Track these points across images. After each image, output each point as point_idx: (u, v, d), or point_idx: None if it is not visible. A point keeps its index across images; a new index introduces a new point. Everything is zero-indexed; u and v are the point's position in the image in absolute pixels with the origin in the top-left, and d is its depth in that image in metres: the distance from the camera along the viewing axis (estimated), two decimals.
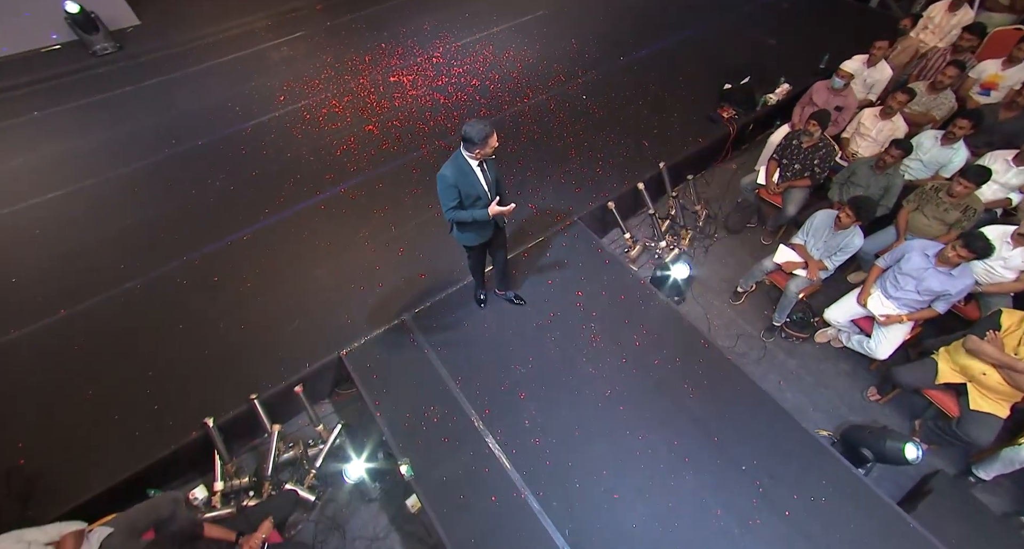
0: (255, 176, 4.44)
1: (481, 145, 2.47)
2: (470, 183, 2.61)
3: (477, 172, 2.60)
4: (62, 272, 3.83)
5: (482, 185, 2.65)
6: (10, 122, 5.22)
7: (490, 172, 2.69)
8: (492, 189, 2.73)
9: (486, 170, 2.65)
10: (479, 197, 2.67)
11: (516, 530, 2.64)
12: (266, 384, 3.13)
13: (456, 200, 2.63)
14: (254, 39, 6.16)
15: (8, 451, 2.91)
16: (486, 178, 2.67)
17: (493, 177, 2.72)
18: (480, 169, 2.62)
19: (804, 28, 5.91)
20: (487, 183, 2.68)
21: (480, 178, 2.64)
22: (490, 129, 2.45)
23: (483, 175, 2.64)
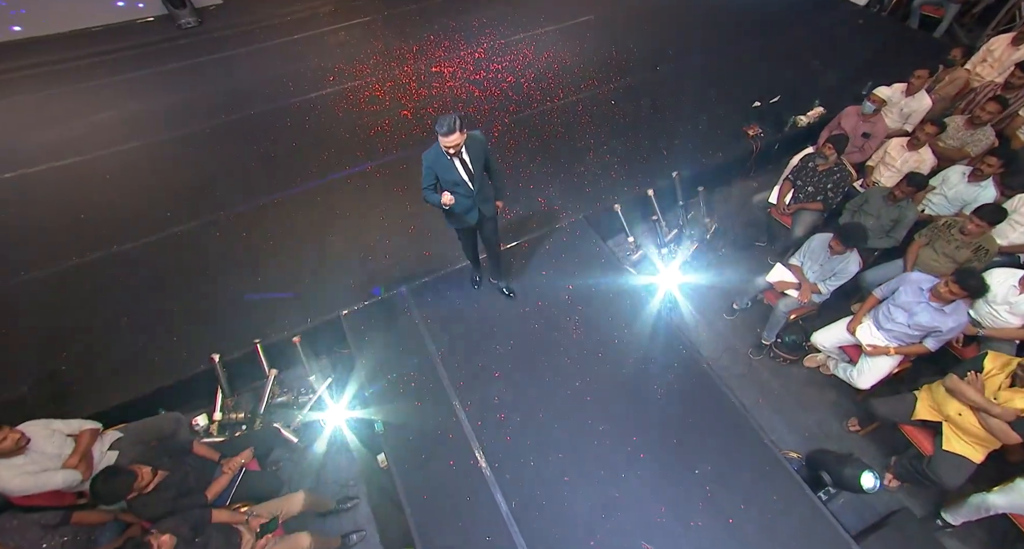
0: (294, 147, 4.84)
1: (440, 138, 2.54)
2: (446, 169, 2.72)
3: (454, 161, 2.70)
4: (119, 214, 4.34)
5: (459, 173, 2.75)
6: (101, 82, 5.90)
7: (473, 164, 2.76)
8: (474, 179, 2.81)
9: (465, 160, 2.73)
10: (457, 183, 2.79)
11: (466, 494, 2.83)
12: (269, 332, 3.45)
13: (432, 182, 2.79)
14: (317, 22, 6.64)
15: (53, 358, 3.38)
16: (465, 167, 2.75)
17: (476, 168, 2.79)
18: (458, 158, 2.70)
19: (856, 54, 5.73)
20: (466, 172, 2.77)
21: (458, 166, 2.73)
22: (446, 128, 2.48)
23: (462, 164, 2.74)
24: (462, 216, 3.00)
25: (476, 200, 2.94)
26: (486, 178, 2.99)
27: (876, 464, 3.24)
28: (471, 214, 3.01)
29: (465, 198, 2.89)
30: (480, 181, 2.88)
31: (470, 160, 2.75)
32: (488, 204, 3.06)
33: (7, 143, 5.13)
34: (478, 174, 2.82)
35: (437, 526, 2.73)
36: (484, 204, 3.02)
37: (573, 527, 2.71)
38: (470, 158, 2.74)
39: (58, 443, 2.68)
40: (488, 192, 3.03)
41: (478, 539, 2.69)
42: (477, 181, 2.84)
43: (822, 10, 6.61)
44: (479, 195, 2.93)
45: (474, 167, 2.78)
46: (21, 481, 2.48)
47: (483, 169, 2.88)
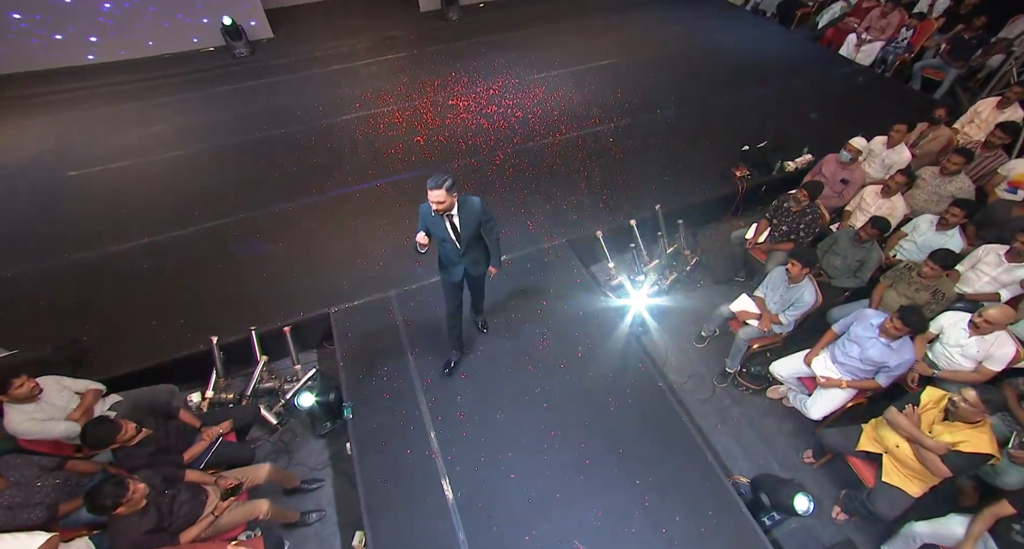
0: (315, 162, 5.37)
1: (428, 192, 2.59)
2: (435, 224, 2.78)
3: (444, 219, 2.75)
4: (156, 211, 4.90)
5: (447, 231, 2.81)
6: (160, 100, 6.69)
7: (463, 225, 2.80)
8: (462, 240, 2.86)
9: (455, 221, 2.78)
10: (444, 240, 2.86)
11: (418, 481, 3.03)
12: (264, 322, 3.81)
13: (422, 229, 2.82)
14: (354, 57, 7.37)
15: (76, 327, 3.82)
16: (453, 228, 2.81)
17: (465, 231, 2.83)
18: (447, 218, 2.75)
19: (851, 108, 5.98)
20: (454, 232, 2.83)
21: (446, 224, 2.78)
22: (432, 183, 2.54)
23: (450, 224, 2.79)
24: (448, 267, 3.07)
25: (464, 260, 3.02)
26: (479, 242, 3.01)
27: (827, 496, 3.27)
28: (456, 269, 3.07)
29: (452, 254, 2.97)
30: (469, 243, 2.91)
31: (459, 222, 2.79)
32: (477, 266, 3.11)
33: (76, 148, 5.86)
34: (466, 237, 2.86)
35: (386, 508, 2.93)
36: (472, 265, 3.08)
37: (513, 521, 2.85)
38: (460, 220, 2.79)
39: (66, 398, 3.05)
40: (479, 255, 3.07)
41: (422, 524, 2.87)
42: (464, 243, 2.88)
43: (825, 66, 6.93)
44: (467, 256, 2.99)
45: (463, 229, 2.82)
46: (29, 426, 2.84)
47: (474, 233, 2.91)
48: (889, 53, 7.01)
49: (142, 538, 2.43)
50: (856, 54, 7.12)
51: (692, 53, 7.31)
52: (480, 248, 3.08)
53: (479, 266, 3.13)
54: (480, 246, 3.07)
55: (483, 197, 4.76)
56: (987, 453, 2.56)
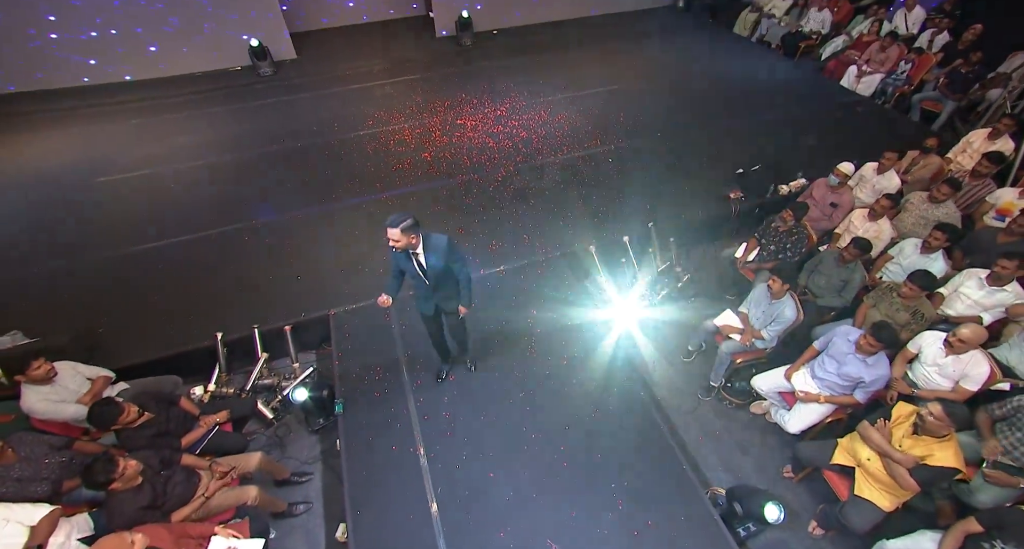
0: (327, 174, 5.67)
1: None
2: (403, 261, 2.86)
3: (411, 258, 2.83)
4: (178, 214, 5.21)
5: (415, 267, 2.87)
6: (188, 114, 7.12)
7: (430, 264, 2.83)
8: (429, 278, 2.90)
9: (421, 261, 2.83)
10: (414, 276, 2.93)
11: (401, 476, 3.15)
12: (267, 321, 4.01)
13: (395, 269, 2.97)
14: (371, 77, 7.77)
15: (95, 319, 4.07)
16: (419, 264, 2.86)
17: (433, 270, 2.86)
18: (414, 257, 2.82)
19: (848, 136, 6.12)
20: (420, 268, 2.87)
21: (413, 261, 2.85)
22: (389, 221, 2.59)
23: (416, 263, 2.85)
24: (420, 301, 3.16)
25: (435, 297, 3.08)
26: (451, 279, 3.01)
27: (805, 511, 3.29)
28: (427, 304, 3.15)
29: (422, 290, 3.04)
30: (437, 281, 2.94)
31: (425, 261, 2.84)
32: (449, 303, 3.14)
33: (111, 156, 6.26)
34: (432, 274, 2.90)
35: (369, 501, 3.05)
36: (444, 301, 3.12)
37: (489, 518, 2.95)
38: (426, 259, 2.84)
39: (78, 382, 3.26)
40: (450, 292, 3.08)
41: (402, 517, 2.98)
42: (432, 280, 2.93)
43: (825, 96, 7.12)
44: (438, 293, 3.04)
45: (429, 268, 2.87)
46: (43, 406, 3.05)
47: (443, 271, 2.91)
48: (889, 85, 7.17)
49: (136, 513, 2.58)
50: (857, 85, 7.30)
51: (695, 81, 7.56)
52: (451, 285, 3.05)
53: (450, 302, 3.14)
54: (451, 283, 3.04)
55: (483, 211, 5.08)
56: (953, 467, 2.60)
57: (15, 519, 2.54)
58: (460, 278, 3.04)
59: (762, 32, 9.02)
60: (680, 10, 10.09)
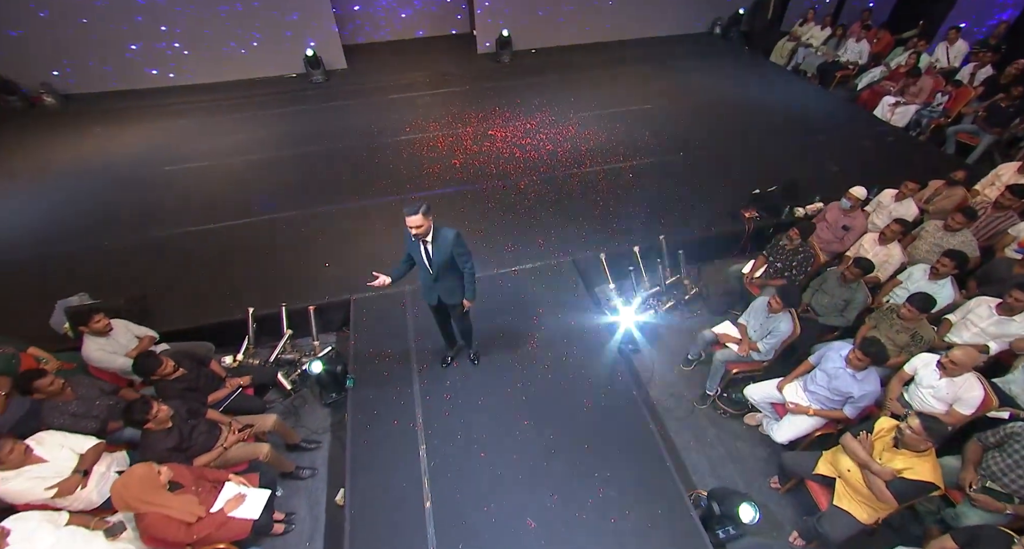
0: (363, 174, 6.11)
1: (405, 218, 2.86)
2: (413, 247, 3.08)
3: (420, 244, 3.04)
4: (226, 202, 5.73)
5: (422, 256, 3.08)
6: (244, 114, 7.79)
7: (435, 255, 3.04)
8: (433, 266, 3.10)
9: (428, 250, 3.04)
10: (420, 264, 3.15)
11: (399, 446, 3.40)
12: (294, 301, 4.38)
13: (406, 254, 3.18)
14: (413, 88, 8.29)
15: (147, 287, 4.55)
16: (427, 253, 3.07)
17: (438, 259, 3.05)
18: (422, 245, 3.03)
19: (874, 164, 6.11)
20: (427, 258, 3.09)
21: (421, 249, 3.06)
22: (410, 210, 2.82)
23: (423, 250, 3.06)
24: (425, 291, 3.35)
25: (437, 287, 3.26)
26: (454, 273, 3.20)
27: (789, 522, 3.33)
28: (430, 294, 3.33)
29: (426, 279, 3.23)
30: (441, 271, 3.14)
31: (432, 250, 3.05)
32: (452, 295, 3.31)
33: (175, 148, 6.94)
34: (437, 263, 3.09)
35: (367, 468, 3.30)
36: (446, 293, 3.29)
37: (476, 493, 3.14)
38: (433, 248, 3.04)
39: (128, 338, 3.69)
40: (453, 285, 3.26)
41: (396, 485, 3.21)
42: (435, 269, 3.12)
43: (856, 124, 7.12)
44: (440, 283, 3.22)
45: (435, 256, 3.07)
46: (99, 354, 3.48)
47: (447, 263, 3.10)
48: (924, 116, 7.11)
49: (164, 453, 2.93)
50: (890, 116, 7.27)
51: (724, 105, 7.70)
52: (454, 278, 3.23)
53: (453, 296, 3.31)
54: (454, 276, 3.22)
55: (502, 215, 5.35)
56: (930, 482, 2.64)
57: (68, 446, 2.93)
58: (464, 271, 3.21)
59: (798, 61, 9.10)
60: (716, 37, 10.26)
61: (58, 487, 2.80)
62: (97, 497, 2.96)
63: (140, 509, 2.62)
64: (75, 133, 7.38)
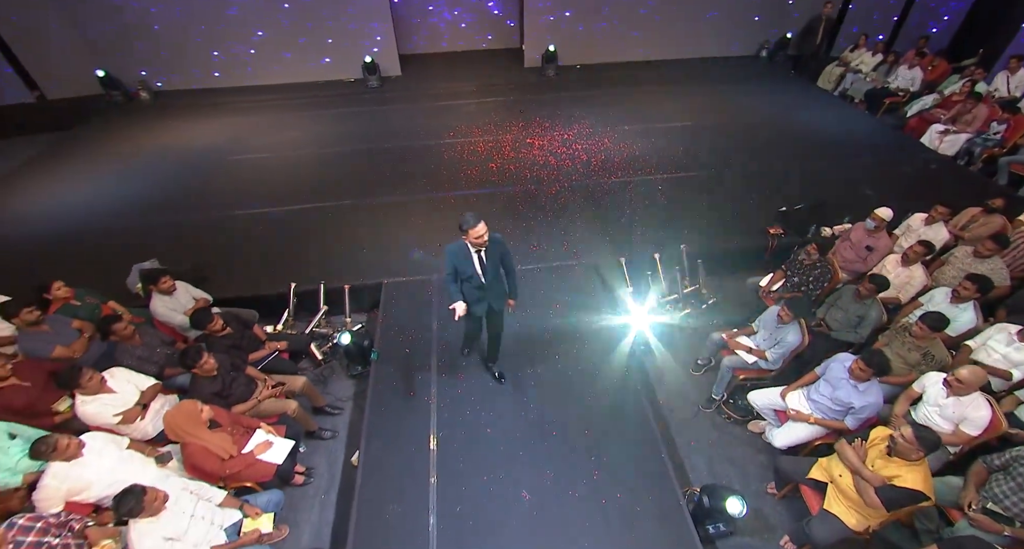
0: (405, 172, 6.57)
1: (464, 233, 2.90)
2: (464, 262, 3.10)
3: (473, 255, 3.08)
4: (281, 190, 6.30)
5: (475, 267, 3.11)
6: (303, 114, 8.48)
7: (488, 260, 3.10)
8: (487, 274, 3.15)
9: (483, 257, 3.09)
10: (471, 276, 3.15)
11: (412, 417, 3.68)
12: (332, 280, 4.78)
13: (451, 270, 3.17)
14: (461, 96, 8.77)
15: (206, 256, 5.09)
16: (481, 263, 3.11)
17: (491, 266, 3.11)
18: (476, 255, 3.08)
19: (913, 189, 6.00)
20: (481, 267, 3.13)
21: (475, 261, 3.09)
22: (472, 222, 2.85)
23: (478, 260, 3.10)
24: (471, 304, 3.33)
25: (487, 294, 3.30)
26: (501, 276, 3.30)
27: (783, 527, 3.37)
28: (480, 305, 3.35)
29: (476, 290, 3.23)
30: (492, 277, 3.20)
31: (486, 258, 3.11)
32: (499, 300, 3.39)
33: (241, 140, 7.67)
34: (491, 271, 3.15)
35: (381, 431, 3.60)
36: (495, 299, 3.36)
37: (477, 464, 3.37)
38: (487, 256, 3.11)
39: (188, 299, 4.18)
40: (500, 289, 3.35)
41: (406, 450, 3.48)
42: (489, 276, 3.18)
43: (899, 151, 7.01)
44: (490, 291, 3.28)
45: (488, 264, 3.12)
46: (162, 310, 3.96)
47: (498, 267, 3.21)
48: (976, 146, 6.90)
49: (208, 396, 3.33)
50: (939, 144, 7.10)
51: (764, 125, 7.73)
52: (500, 282, 3.32)
53: (500, 300, 3.41)
54: (500, 280, 3.31)
55: (531, 217, 5.64)
56: (919, 491, 2.66)
57: (133, 382, 3.39)
58: (510, 269, 3.30)
59: (845, 86, 9.00)
60: (762, 60, 10.29)
61: (123, 415, 3.25)
62: (152, 429, 3.40)
63: (184, 438, 3.01)
64: (160, 124, 8.28)
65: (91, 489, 2.89)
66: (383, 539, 3.03)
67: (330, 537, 3.37)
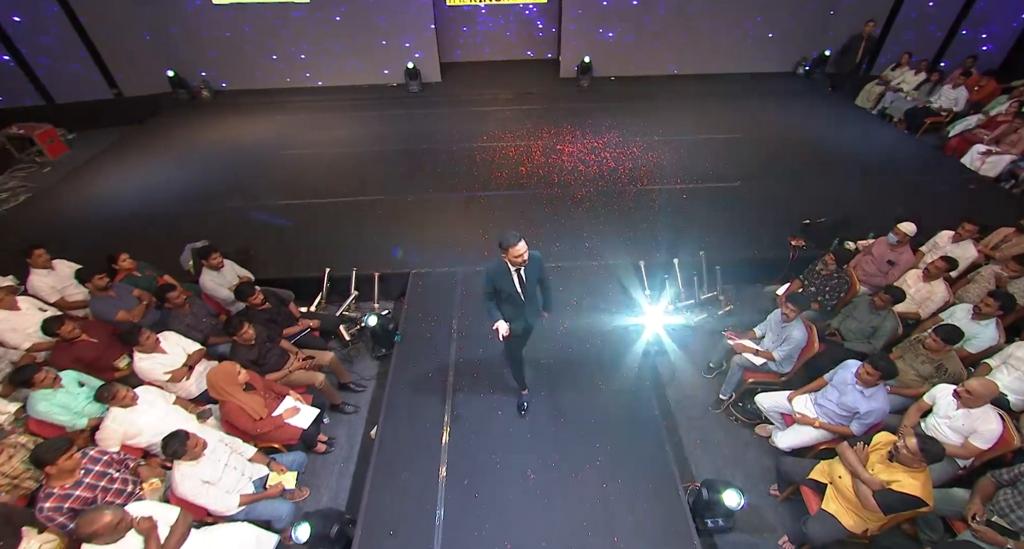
0: (438, 171, 6.91)
1: (504, 251, 2.87)
2: (504, 281, 3.07)
3: (512, 274, 3.05)
4: (323, 183, 6.74)
5: (515, 286, 3.08)
6: (349, 114, 8.98)
7: (528, 279, 3.09)
8: (526, 291, 3.14)
9: (523, 275, 3.07)
10: (510, 294, 3.13)
11: (429, 396, 3.91)
12: (363, 268, 5.10)
13: (489, 289, 3.16)
14: (496, 103, 9.11)
15: (251, 238, 5.50)
16: (520, 282, 3.08)
17: (531, 284, 3.11)
18: (516, 273, 3.05)
19: (946, 207, 5.89)
20: (520, 286, 3.11)
21: (514, 279, 3.06)
22: (513, 240, 2.81)
23: (518, 278, 3.07)
24: (513, 321, 3.30)
25: (525, 311, 3.29)
26: (538, 293, 3.32)
27: (783, 529, 3.41)
28: (517, 323, 3.32)
29: (513, 308, 3.23)
30: (531, 294, 3.20)
31: (526, 276, 3.09)
32: (535, 315, 3.40)
33: (290, 137, 8.22)
34: (530, 288, 3.16)
35: (399, 409, 3.84)
36: (532, 316, 3.37)
37: (487, 444, 3.57)
38: (526, 274, 3.09)
39: (233, 276, 4.56)
40: (535, 304, 3.34)
41: (420, 427, 3.71)
42: (528, 293, 3.18)
43: (936, 171, 6.89)
44: (528, 308, 3.28)
45: (528, 282, 3.12)
46: (211, 284, 4.35)
47: (536, 284, 3.22)
48: (1021, 167, 6.72)
49: (246, 362, 3.65)
50: (980, 165, 6.93)
51: (796, 140, 7.72)
52: (537, 299, 3.34)
53: (536, 315, 3.42)
54: (537, 297, 3.33)
55: (556, 218, 5.84)
56: (916, 496, 2.69)
57: (182, 346, 3.77)
58: (548, 286, 3.35)
59: (885, 105, 8.86)
60: (799, 77, 10.23)
61: (171, 373, 3.60)
62: (195, 389, 3.75)
63: (222, 396, 3.34)
64: (218, 120, 8.94)
65: (142, 435, 3.24)
66: (395, 504, 3.25)
67: (346, 501, 3.61)
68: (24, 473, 3.02)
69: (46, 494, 2.68)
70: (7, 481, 2.96)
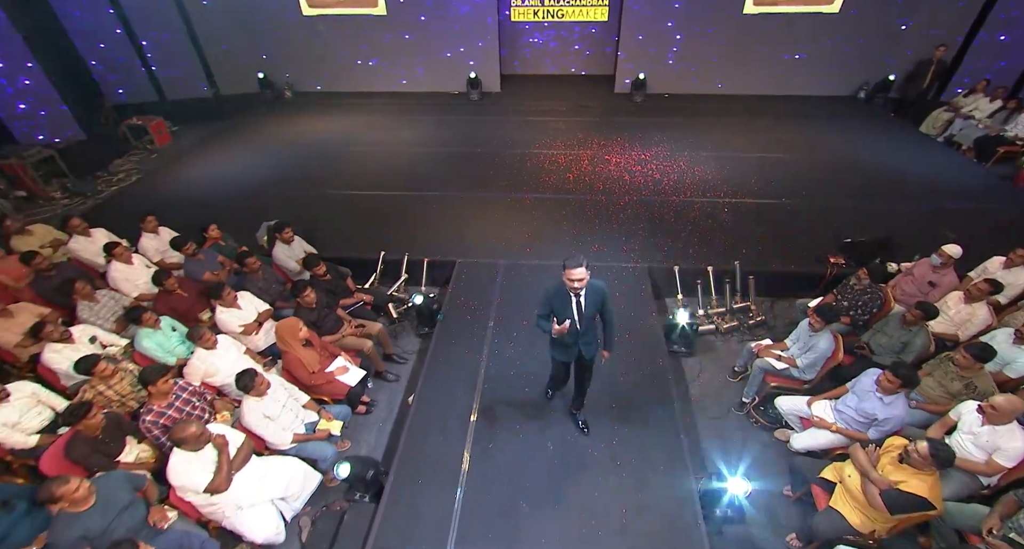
0: (489, 174, 7.36)
1: (564, 272, 2.80)
2: (562, 303, 2.98)
3: (572, 300, 2.96)
4: (389, 178, 7.36)
5: (572, 310, 2.99)
6: (412, 118, 9.67)
7: (587, 306, 2.98)
8: (583, 320, 3.04)
9: (581, 301, 2.97)
10: (567, 319, 2.98)
11: (464, 371, 4.28)
12: (416, 253, 5.56)
13: (547, 310, 3.05)
14: (552, 113, 9.53)
15: (318, 222, 6.10)
16: (579, 307, 2.99)
17: (588, 312, 3.01)
18: (575, 297, 2.95)
19: (999, 235, 5.67)
20: (578, 312, 3.01)
21: (572, 303, 2.97)
22: (573, 263, 2.73)
23: (575, 303, 2.98)
24: (562, 348, 3.26)
25: (579, 341, 3.19)
26: (596, 325, 3.19)
27: (792, 526, 3.48)
28: (571, 350, 3.27)
29: (569, 335, 3.08)
30: (587, 325, 3.10)
31: (584, 303, 2.99)
32: (590, 347, 3.26)
33: (358, 135, 8.99)
34: (587, 317, 3.05)
35: (435, 378, 4.22)
36: (586, 347, 3.24)
37: (512, 415, 3.88)
38: (585, 301, 2.98)
39: (300, 251, 5.12)
40: (593, 337, 3.23)
41: (454, 394, 4.07)
42: (584, 323, 3.07)
43: (1002, 200, 6.63)
44: (583, 337, 3.17)
45: (586, 310, 3.02)
46: (281, 256, 4.95)
47: (594, 315, 3.10)
48: None
49: (308, 322, 4.13)
50: None
51: (850, 163, 7.59)
52: (594, 330, 3.21)
53: (591, 348, 3.27)
54: (595, 328, 3.20)
55: (598, 222, 6.13)
56: (924, 498, 2.75)
57: (254, 304, 4.33)
58: (609, 321, 3.21)
59: (953, 132, 8.56)
60: (859, 101, 10.02)
61: (244, 327, 4.15)
62: (263, 343, 4.30)
63: (284, 346, 3.83)
64: (297, 118, 9.90)
65: (219, 374, 3.78)
66: (424, 460, 3.60)
67: (382, 456, 4.00)
68: (129, 393, 3.62)
69: (147, 409, 3.24)
70: (119, 398, 3.57)
